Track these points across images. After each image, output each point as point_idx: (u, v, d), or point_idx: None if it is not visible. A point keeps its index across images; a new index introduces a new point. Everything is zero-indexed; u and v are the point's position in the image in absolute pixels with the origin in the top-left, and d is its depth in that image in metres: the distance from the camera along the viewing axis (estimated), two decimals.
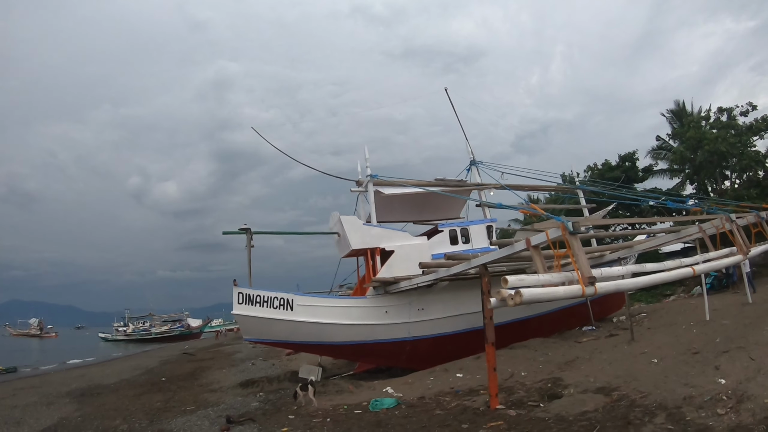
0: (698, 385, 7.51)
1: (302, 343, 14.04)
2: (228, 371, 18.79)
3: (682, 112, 27.90)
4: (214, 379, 16.66)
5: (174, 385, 15.94)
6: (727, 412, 6.37)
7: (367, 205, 16.44)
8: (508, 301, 6.40)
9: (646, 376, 8.80)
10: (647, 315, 16.95)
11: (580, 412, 7.72)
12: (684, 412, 6.71)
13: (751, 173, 22.25)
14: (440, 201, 17.54)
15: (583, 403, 8.10)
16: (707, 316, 12.37)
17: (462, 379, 11.66)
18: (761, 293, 14.94)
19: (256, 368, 18.78)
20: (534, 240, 7.84)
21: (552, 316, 15.89)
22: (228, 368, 19.86)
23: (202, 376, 18.02)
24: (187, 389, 14.86)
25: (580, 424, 7.15)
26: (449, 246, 15.22)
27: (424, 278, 12.40)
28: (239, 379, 15.80)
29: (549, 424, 7.43)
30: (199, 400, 12.55)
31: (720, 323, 11.55)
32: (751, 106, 24.21)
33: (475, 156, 18.08)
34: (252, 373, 17.30)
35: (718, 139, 20.95)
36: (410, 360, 13.99)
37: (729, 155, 20.90)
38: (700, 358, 9.05)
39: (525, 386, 10.10)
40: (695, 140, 22.11)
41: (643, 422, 6.74)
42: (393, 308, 14.09)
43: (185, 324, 64.80)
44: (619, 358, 10.72)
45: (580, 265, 7.02)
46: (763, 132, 21.55)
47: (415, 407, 9.68)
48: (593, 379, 9.45)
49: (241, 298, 12.93)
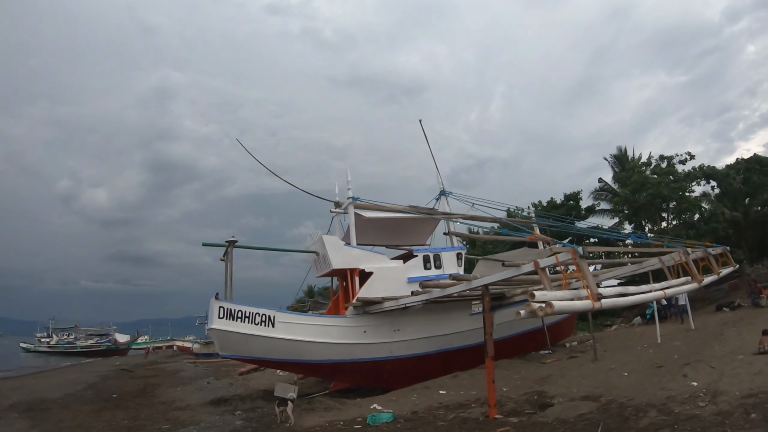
0: (674, 389, 8.99)
1: (280, 361, 14.00)
2: (183, 390, 18.50)
3: (624, 157, 32.23)
4: (173, 398, 16.30)
5: (131, 402, 15.55)
6: (707, 404, 7.81)
7: (343, 227, 17.07)
8: (538, 312, 7.42)
9: (624, 386, 10.21)
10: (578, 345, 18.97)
11: (577, 414, 8.80)
12: (671, 407, 8.04)
13: (687, 216, 26.16)
14: (411, 226, 18.58)
15: (576, 408, 9.21)
16: (659, 339, 14.33)
17: (447, 396, 12.34)
18: (698, 322, 17.48)
19: (214, 387, 18.63)
20: (542, 263, 8.99)
21: (516, 340, 17.31)
22: (182, 387, 19.55)
23: (156, 393, 17.68)
24: (150, 407, 14.53)
25: (582, 424, 8.18)
26: (423, 270, 16.13)
27: (414, 299, 13.13)
28: (203, 397, 15.63)
29: (553, 426, 8.38)
30: (171, 419, 12.18)
31: (672, 344, 13.55)
32: (689, 156, 28.53)
33: (444, 186, 19.48)
34: (213, 392, 17.16)
35: (661, 183, 24.68)
36: (390, 379, 14.44)
37: (669, 199, 24.65)
38: (665, 371, 10.70)
39: (512, 399, 11.07)
40: (639, 183, 25.73)
41: (638, 417, 7.94)
42: (371, 328, 14.57)
43: (112, 339, 63.33)
44: (591, 374, 12.15)
45: (588, 283, 8.25)
46: (699, 179, 25.70)
47: (414, 420, 10.16)
48: (576, 390, 10.67)
49: (222, 312, 12.75)
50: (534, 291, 7.81)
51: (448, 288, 11.89)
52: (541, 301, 7.64)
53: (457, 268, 16.71)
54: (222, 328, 12.70)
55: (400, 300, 13.53)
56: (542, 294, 7.91)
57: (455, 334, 15.72)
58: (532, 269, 9.23)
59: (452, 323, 15.70)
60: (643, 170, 28.51)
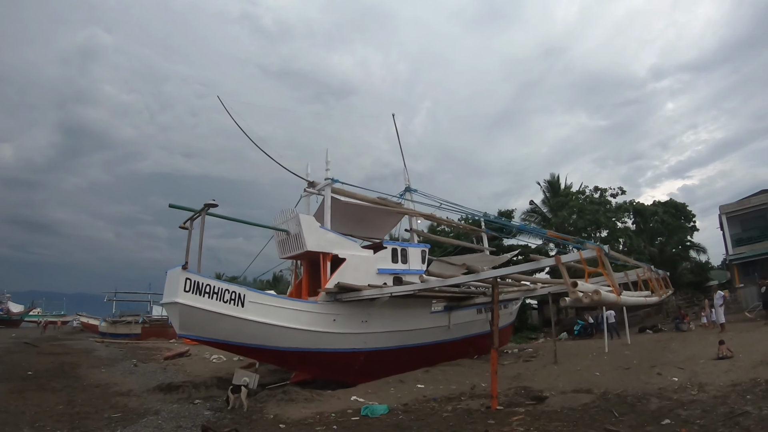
0: (657, 383, 10.41)
1: (245, 346, 13.10)
2: (110, 372, 17.64)
3: (556, 183, 36.19)
4: (104, 380, 15.39)
5: (54, 383, 14.45)
6: (698, 393, 9.22)
7: (310, 210, 16.69)
8: (583, 299, 8.15)
9: (606, 382, 11.44)
10: (533, 351, 20.67)
11: (581, 404, 9.69)
12: (668, 395, 9.32)
13: (613, 243, 29.91)
14: (376, 218, 18.78)
15: (577, 399, 10.12)
16: (606, 349, 16.14)
17: (427, 390, 12.65)
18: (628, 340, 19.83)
19: (145, 371, 18.26)
20: (564, 258, 9.80)
21: (471, 341, 18.35)
22: (105, 368, 18.65)
23: (79, 374, 16.70)
24: (82, 390, 13.42)
25: (593, 410, 9.05)
26: (390, 263, 16.41)
27: (402, 288, 13.28)
28: (144, 382, 15.00)
29: (564, 413, 9.12)
30: (118, 406, 11.01)
31: (623, 353, 15.42)
32: (621, 190, 33.54)
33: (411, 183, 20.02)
34: (150, 376, 16.70)
35: (599, 211, 28.12)
36: (359, 372, 14.31)
37: (604, 226, 28.11)
38: (635, 372, 12.22)
39: (500, 393, 11.66)
40: (578, 209, 29.03)
41: (643, 403, 9.06)
42: (341, 317, 14.33)
43: (5, 308, 59.40)
44: (562, 373, 13.32)
45: (612, 279, 9.26)
46: (629, 213, 29.89)
47: (413, 413, 10.22)
48: (561, 385, 11.67)
49: (189, 285, 11.68)
50: (576, 281, 8.53)
51: (456, 278, 12.20)
52: (583, 290, 8.40)
53: (421, 265, 17.24)
54: (188, 303, 11.64)
55: (383, 289, 13.57)
56: (582, 284, 8.69)
57: (416, 331, 16.22)
58: (553, 263, 10.01)
59: (414, 320, 16.21)
60: (579, 198, 32.32)
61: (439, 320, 17.06)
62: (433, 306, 16.91)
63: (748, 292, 23.43)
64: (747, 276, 24.91)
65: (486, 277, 11.21)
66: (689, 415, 7.88)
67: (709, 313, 20.80)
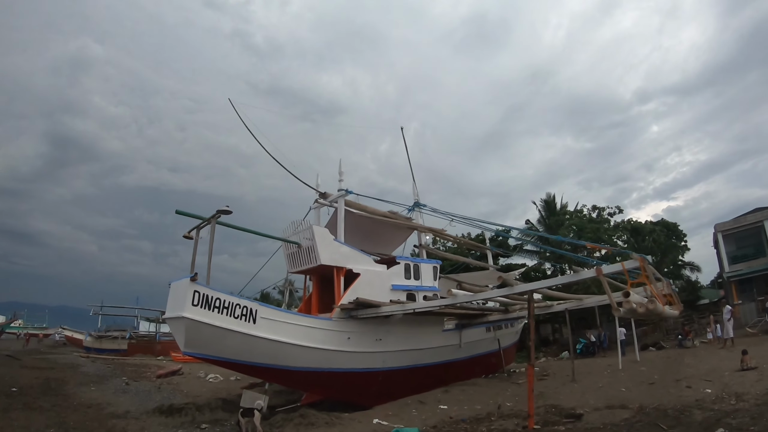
0: (693, 396, 10.64)
1: (255, 365, 12.43)
2: (100, 390, 16.73)
3: (552, 203, 37.35)
4: (95, 400, 14.58)
5: (41, 401, 13.54)
6: (738, 402, 9.41)
7: (320, 222, 16.53)
8: (638, 308, 8.26)
9: (636, 397, 11.59)
10: (540, 369, 20.73)
11: (622, 419, 9.76)
12: (709, 406, 9.51)
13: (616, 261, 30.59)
14: (386, 233, 18.68)
15: (614, 415, 10.20)
16: (620, 366, 16.32)
17: (450, 410, 12.48)
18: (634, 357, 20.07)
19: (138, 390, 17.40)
20: (605, 269, 9.91)
21: (481, 359, 18.30)
22: (95, 386, 17.76)
23: (67, 392, 15.87)
24: (73, 410, 12.63)
25: (638, 425, 9.14)
26: (404, 279, 16.26)
27: (429, 304, 13.16)
28: (140, 403, 14.28)
29: (611, 429, 9.15)
30: (116, 430, 10.49)
31: (638, 370, 15.63)
32: (618, 209, 34.79)
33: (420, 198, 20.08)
34: (146, 396, 15.93)
35: (600, 229, 28.87)
36: (376, 393, 14.00)
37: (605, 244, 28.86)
38: (661, 386, 12.43)
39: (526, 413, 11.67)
40: (578, 227, 29.76)
41: (686, 416, 9.21)
42: (355, 335, 14.00)
43: None
44: (586, 390, 13.42)
45: (656, 290, 9.39)
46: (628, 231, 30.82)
47: None
48: (591, 401, 11.73)
49: (197, 298, 11.05)
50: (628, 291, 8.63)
51: (488, 293, 12.17)
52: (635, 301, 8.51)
53: (432, 281, 17.14)
54: (196, 318, 10.97)
55: (407, 305, 13.47)
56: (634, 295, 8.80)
57: (429, 350, 16.04)
58: (594, 275, 10.09)
59: (427, 338, 16.04)
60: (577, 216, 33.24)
61: (451, 339, 16.96)
62: (446, 324, 16.82)
63: (747, 309, 24.25)
64: (744, 293, 25.83)
65: (522, 291, 11.20)
66: (740, 423, 8.06)
67: (714, 329, 21.36)
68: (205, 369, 22.95)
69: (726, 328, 18.71)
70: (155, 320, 42.29)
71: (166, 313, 12.05)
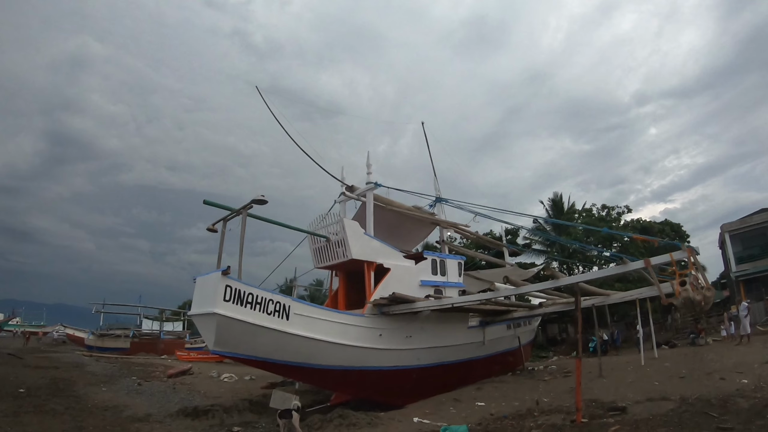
0: (731, 386, 11.19)
1: (285, 364, 12.36)
2: (112, 391, 16.79)
3: (560, 202, 38.38)
4: (111, 401, 14.56)
5: (52, 403, 13.31)
6: None
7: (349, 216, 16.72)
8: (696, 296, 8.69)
9: (673, 389, 12.07)
10: (557, 368, 21.22)
11: (667, 410, 10.18)
12: (751, 395, 10.02)
13: None
14: (411, 229, 18.95)
15: (659, 407, 10.64)
16: (642, 362, 16.81)
17: (490, 407, 12.78)
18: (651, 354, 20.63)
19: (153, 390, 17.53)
20: (653, 261, 10.34)
21: (504, 356, 18.75)
22: (106, 386, 17.80)
23: (78, 393, 15.72)
24: (88, 413, 12.46)
25: (686, 414, 9.56)
26: (431, 275, 16.55)
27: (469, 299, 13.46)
28: (161, 405, 14.34)
29: (660, 419, 9.53)
30: None
31: (662, 365, 16.15)
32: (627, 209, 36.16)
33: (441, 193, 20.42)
34: (164, 397, 16.03)
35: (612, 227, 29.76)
36: (413, 391, 14.23)
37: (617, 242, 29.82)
38: (694, 379, 13.00)
39: (567, 407, 12.02)
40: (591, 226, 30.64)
41: (734, 402, 9.72)
42: (386, 332, 14.22)
43: None
44: (619, 385, 13.85)
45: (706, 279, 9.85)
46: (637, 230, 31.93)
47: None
48: (631, 395, 12.15)
49: (229, 293, 10.89)
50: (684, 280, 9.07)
51: (532, 286, 12.50)
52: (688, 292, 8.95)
53: (458, 278, 17.48)
54: (228, 315, 10.83)
55: (444, 301, 13.74)
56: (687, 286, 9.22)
57: (454, 347, 16.37)
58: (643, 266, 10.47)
59: (453, 335, 16.40)
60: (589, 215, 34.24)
61: (475, 336, 17.31)
62: (471, 320, 17.13)
63: (756, 308, 25.19)
64: (751, 292, 26.82)
65: (568, 283, 11.59)
66: None
67: (728, 326, 22.16)
68: (218, 368, 23.00)
69: (743, 324, 19.48)
70: (158, 318, 42.09)
71: (192, 309, 11.92)
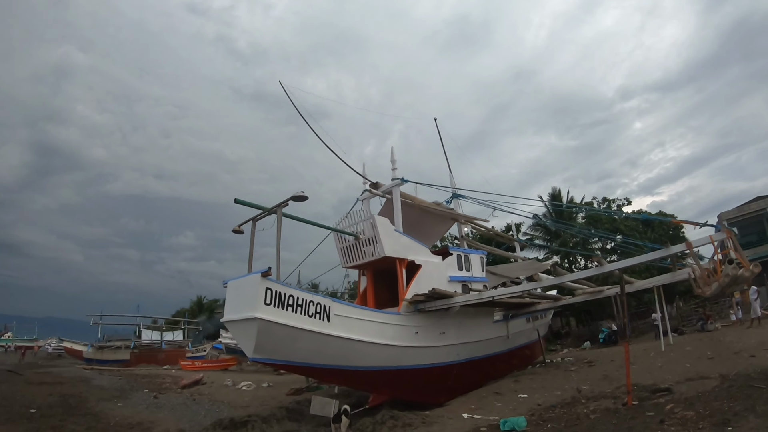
0: (764, 363, 11.91)
1: (324, 367, 12.24)
2: (129, 406, 16.67)
3: (558, 196, 39.60)
4: (134, 419, 14.39)
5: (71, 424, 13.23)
6: None
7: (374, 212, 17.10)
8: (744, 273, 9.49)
9: (707, 369, 12.88)
10: (573, 359, 22.02)
11: (712, 387, 10.90)
12: None
13: None
14: (431, 224, 19.42)
15: (702, 385, 11.36)
16: (662, 348, 17.69)
17: (533, 399, 13.30)
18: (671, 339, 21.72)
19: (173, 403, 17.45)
20: (695, 243, 11.11)
21: (525, 349, 19.45)
22: (120, 401, 17.73)
23: (94, 410, 15.59)
24: None
25: (732, 389, 10.21)
26: (457, 270, 17.03)
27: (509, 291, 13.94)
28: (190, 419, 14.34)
29: (711, 395, 10.15)
30: None
31: (683, 350, 17.03)
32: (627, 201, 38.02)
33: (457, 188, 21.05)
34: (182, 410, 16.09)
35: (616, 220, 31.06)
36: (453, 388, 14.62)
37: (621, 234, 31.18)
38: (724, 358, 13.82)
39: (610, 392, 12.62)
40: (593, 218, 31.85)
41: None
42: (422, 329, 14.51)
43: None
44: (651, 369, 14.43)
45: (745, 260, 10.66)
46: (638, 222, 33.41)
47: (553, 422, 10.59)
48: (669, 376, 12.88)
49: (270, 296, 10.66)
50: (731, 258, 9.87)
51: (575, 274, 13.11)
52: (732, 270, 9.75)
53: (481, 272, 18.04)
54: (270, 319, 10.54)
55: (484, 294, 14.24)
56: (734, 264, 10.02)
57: (483, 342, 16.89)
58: (685, 249, 11.21)
59: (480, 330, 16.91)
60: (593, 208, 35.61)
61: (500, 330, 17.90)
62: (495, 315, 17.68)
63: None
64: None
65: (611, 270, 12.23)
66: None
67: (737, 311, 23.38)
68: (233, 377, 23.01)
69: (753, 308, 20.65)
70: (158, 328, 41.62)
71: (226, 314, 11.52)
